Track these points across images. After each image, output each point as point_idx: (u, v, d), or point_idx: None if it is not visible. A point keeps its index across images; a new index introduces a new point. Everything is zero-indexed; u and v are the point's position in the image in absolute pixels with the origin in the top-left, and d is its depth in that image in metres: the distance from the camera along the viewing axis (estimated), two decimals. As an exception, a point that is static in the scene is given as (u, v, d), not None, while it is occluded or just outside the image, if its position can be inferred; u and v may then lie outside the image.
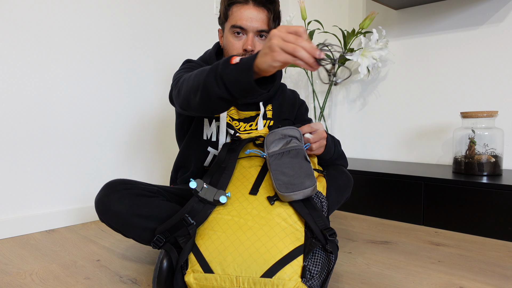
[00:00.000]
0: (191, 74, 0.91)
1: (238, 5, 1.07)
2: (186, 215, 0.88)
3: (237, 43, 1.08)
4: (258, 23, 1.06)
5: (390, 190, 1.64)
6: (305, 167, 0.88)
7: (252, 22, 1.06)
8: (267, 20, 1.08)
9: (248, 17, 1.05)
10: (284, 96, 1.24)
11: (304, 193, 0.84)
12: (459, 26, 1.86)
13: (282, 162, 0.89)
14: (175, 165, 1.26)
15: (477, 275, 1.05)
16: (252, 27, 1.06)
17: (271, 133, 0.96)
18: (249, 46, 1.06)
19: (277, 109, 1.21)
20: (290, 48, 0.71)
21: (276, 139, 0.94)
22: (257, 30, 1.07)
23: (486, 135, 1.57)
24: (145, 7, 1.79)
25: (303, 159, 0.89)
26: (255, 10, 1.06)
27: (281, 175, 0.87)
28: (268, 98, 1.19)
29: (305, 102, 1.28)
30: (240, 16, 1.06)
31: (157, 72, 1.86)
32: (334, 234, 0.82)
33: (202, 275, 0.81)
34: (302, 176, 0.85)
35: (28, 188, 1.48)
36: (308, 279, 0.78)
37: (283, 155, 0.90)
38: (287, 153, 0.90)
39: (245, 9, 1.06)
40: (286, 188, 0.84)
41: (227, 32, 1.09)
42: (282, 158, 0.90)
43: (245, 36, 1.08)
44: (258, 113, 1.17)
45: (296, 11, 2.54)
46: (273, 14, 1.08)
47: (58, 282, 1.02)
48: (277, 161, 0.90)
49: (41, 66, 1.49)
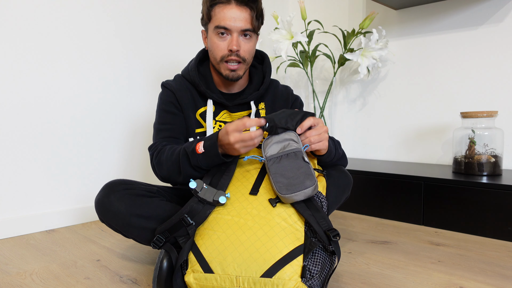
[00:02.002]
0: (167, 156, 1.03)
1: (221, 5, 1.05)
2: (186, 215, 0.88)
3: (221, 44, 1.07)
4: (242, 22, 1.05)
5: (390, 190, 1.64)
6: (304, 167, 0.88)
7: (235, 22, 1.05)
8: (251, 19, 1.07)
9: (231, 17, 1.04)
10: (276, 93, 1.22)
11: (305, 193, 0.84)
12: (459, 26, 1.86)
13: (281, 165, 0.89)
14: None
15: (477, 275, 1.05)
16: (236, 27, 1.05)
17: (268, 137, 0.95)
18: (234, 46, 1.05)
19: (269, 107, 1.20)
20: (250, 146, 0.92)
21: (273, 142, 0.94)
22: (241, 29, 1.06)
23: (486, 135, 1.57)
24: (142, 9, 1.80)
25: (302, 160, 0.89)
26: (238, 9, 1.05)
27: (280, 177, 0.87)
28: (259, 97, 1.18)
29: (299, 97, 1.26)
30: (223, 17, 1.05)
31: (157, 72, 1.86)
32: (337, 235, 0.82)
33: (202, 275, 0.81)
34: (301, 176, 0.86)
35: (28, 188, 1.48)
36: (308, 278, 0.78)
37: (282, 158, 0.90)
38: (285, 156, 0.90)
39: (228, 9, 1.05)
40: (286, 189, 0.85)
41: (211, 33, 1.08)
42: (281, 162, 0.90)
43: (229, 36, 1.06)
44: (250, 112, 1.17)
45: (296, 11, 2.54)
46: (256, 13, 1.07)
47: (58, 282, 1.02)
48: (275, 164, 0.90)
49: (41, 67, 1.49)
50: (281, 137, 0.94)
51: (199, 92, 1.15)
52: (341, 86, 2.31)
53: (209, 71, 1.17)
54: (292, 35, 1.94)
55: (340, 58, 2.07)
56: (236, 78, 1.10)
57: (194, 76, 1.13)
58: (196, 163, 0.96)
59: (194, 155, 0.96)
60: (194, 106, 1.14)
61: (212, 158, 0.95)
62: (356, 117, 2.26)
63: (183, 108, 1.13)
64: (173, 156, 1.01)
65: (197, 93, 1.15)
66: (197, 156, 0.95)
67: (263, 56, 1.22)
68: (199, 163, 0.96)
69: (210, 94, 1.12)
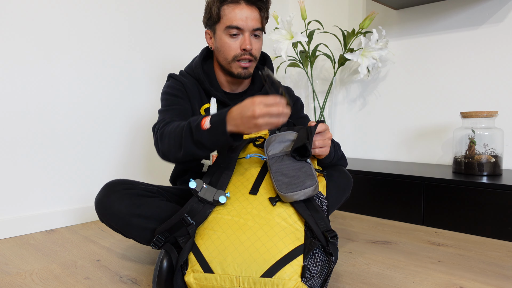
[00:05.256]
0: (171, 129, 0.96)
1: (230, 5, 1.06)
2: (186, 215, 0.88)
3: (233, 44, 1.07)
4: (254, 22, 1.06)
5: (390, 190, 1.64)
6: (306, 167, 0.88)
7: (247, 21, 1.06)
8: (260, 18, 1.09)
9: (243, 16, 1.05)
10: None
11: (306, 193, 0.84)
12: (459, 26, 1.86)
13: (282, 164, 0.89)
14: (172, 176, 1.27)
15: (477, 275, 1.05)
16: (248, 27, 1.06)
17: (271, 136, 0.96)
18: (248, 45, 1.06)
19: None
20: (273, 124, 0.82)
21: (276, 142, 0.94)
22: (252, 28, 1.07)
23: (486, 135, 1.57)
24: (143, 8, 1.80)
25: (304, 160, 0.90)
26: (249, 9, 1.06)
27: (281, 176, 0.87)
28: None
29: (300, 98, 1.27)
30: (234, 17, 1.05)
31: (159, 72, 1.86)
32: (335, 237, 0.82)
33: (202, 275, 0.81)
34: (302, 176, 0.86)
35: (28, 188, 1.48)
36: (308, 278, 0.78)
37: (284, 157, 0.91)
38: (287, 156, 0.91)
39: (239, 9, 1.05)
40: (287, 188, 0.85)
41: (221, 33, 1.09)
42: (283, 161, 0.90)
43: (241, 36, 1.07)
44: None
45: (296, 11, 2.54)
46: (265, 12, 1.09)
47: (58, 282, 1.02)
48: (277, 163, 0.90)
49: (41, 67, 1.49)
50: (284, 137, 0.95)
51: (203, 89, 1.16)
52: (341, 86, 2.31)
53: (213, 70, 1.17)
54: (292, 35, 1.94)
55: (340, 58, 2.07)
56: (248, 76, 1.12)
57: (198, 73, 1.14)
58: (199, 138, 0.88)
59: (198, 130, 0.88)
60: (200, 100, 1.15)
61: (217, 136, 0.87)
62: (356, 117, 2.26)
63: (191, 99, 1.13)
64: (177, 129, 0.94)
65: (202, 89, 1.16)
66: (201, 131, 0.88)
67: (265, 57, 1.23)
68: (202, 140, 0.88)
69: (214, 93, 1.13)
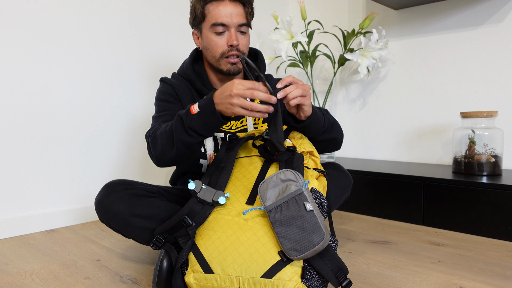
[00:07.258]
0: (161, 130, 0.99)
1: (214, 3, 1.07)
2: (185, 216, 0.88)
3: (220, 41, 1.08)
4: (238, 17, 1.07)
5: (390, 190, 1.64)
6: (309, 220, 0.79)
7: (232, 17, 1.06)
8: (245, 14, 1.09)
9: (227, 13, 1.06)
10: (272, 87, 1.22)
11: (315, 251, 0.78)
12: (459, 26, 1.86)
13: (282, 220, 0.81)
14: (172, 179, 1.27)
15: (477, 275, 1.05)
16: (233, 23, 1.07)
17: (263, 182, 0.87)
18: (234, 41, 1.07)
19: None
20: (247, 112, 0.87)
21: (269, 188, 0.86)
22: (238, 24, 1.07)
23: (486, 135, 1.57)
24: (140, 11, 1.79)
25: (304, 209, 0.81)
26: (232, 5, 1.07)
27: (286, 240, 0.80)
28: None
29: None
30: (219, 14, 1.06)
31: (155, 72, 1.86)
32: (349, 283, 0.79)
33: (202, 275, 0.81)
34: (307, 234, 0.78)
35: (28, 188, 1.48)
36: (308, 279, 0.78)
37: (282, 208, 0.83)
38: (285, 205, 0.82)
39: (222, 5, 1.06)
40: (295, 251, 0.78)
41: (207, 31, 1.09)
42: (282, 213, 0.82)
43: (227, 33, 1.08)
44: None
45: (296, 11, 2.54)
46: (249, 7, 1.10)
47: (58, 282, 1.02)
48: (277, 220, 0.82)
49: (42, 67, 1.49)
50: (277, 179, 0.86)
51: (195, 90, 1.17)
52: (341, 86, 2.31)
53: (204, 70, 1.18)
54: (292, 35, 1.94)
55: (340, 58, 2.07)
56: (237, 72, 1.12)
57: (189, 74, 1.14)
58: (190, 124, 0.90)
59: (188, 116, 0.91)
60: (192, 101, 1.15)
61: (208, 117, 0.89)
62: (356, 117, 2.26)
63: (182, 101, 1.14)
64: (167, 127, 0.97)
65: (194, 90, 1.17)
66: (192, 116, 0.90)
67: (256, 53, 1.23)
68: (194, 124, 0.90)
69: (206, 92, 1.14)
